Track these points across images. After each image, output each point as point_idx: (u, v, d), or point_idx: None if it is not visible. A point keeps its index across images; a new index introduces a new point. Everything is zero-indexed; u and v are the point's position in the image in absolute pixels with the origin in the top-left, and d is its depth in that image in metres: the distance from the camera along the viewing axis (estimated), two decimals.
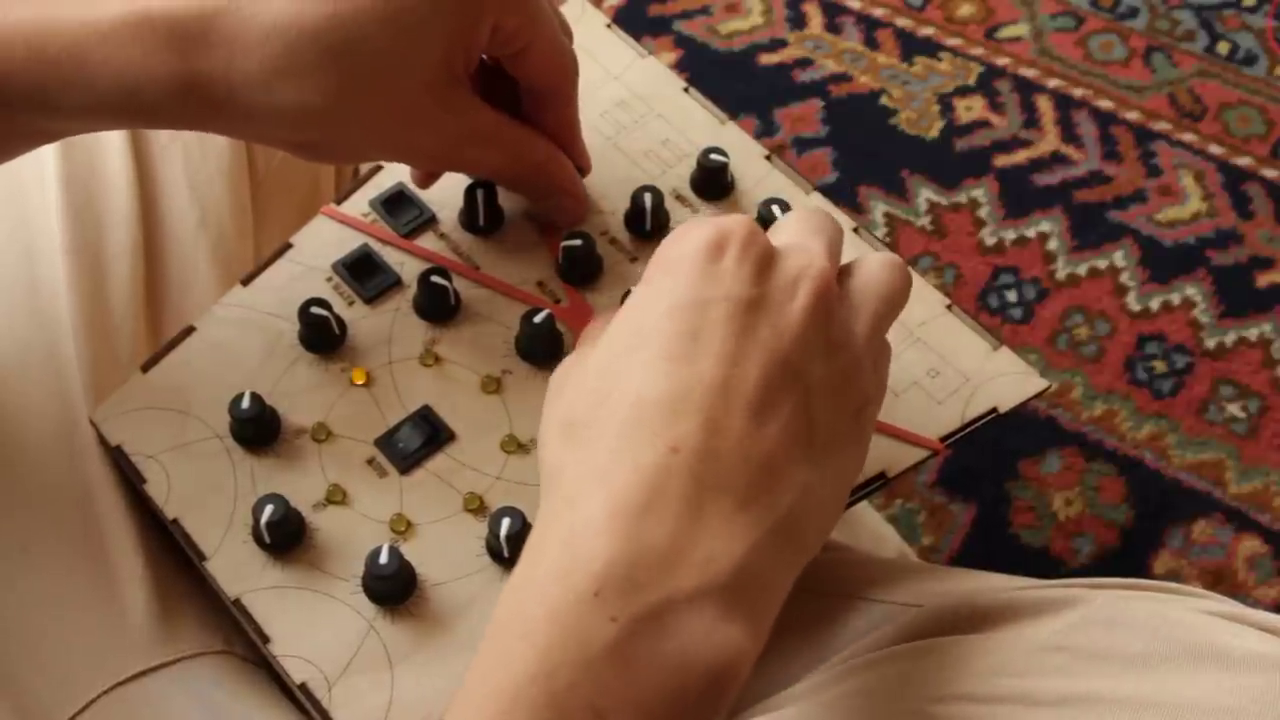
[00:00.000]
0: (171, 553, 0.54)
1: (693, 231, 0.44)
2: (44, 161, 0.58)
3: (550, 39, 0.51)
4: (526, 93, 0.53)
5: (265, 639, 0.50)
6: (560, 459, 0.42)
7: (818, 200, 0.59)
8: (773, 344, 0.42)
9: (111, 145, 0.59)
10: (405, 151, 0.52)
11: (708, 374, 0.41)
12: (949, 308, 0.56)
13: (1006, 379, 0.55)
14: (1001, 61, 1.11)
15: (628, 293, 0.54)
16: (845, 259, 0.47)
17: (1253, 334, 0.97)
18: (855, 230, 0.58)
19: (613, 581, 0.38)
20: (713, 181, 0.58)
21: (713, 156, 0.58)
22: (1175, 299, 0.99)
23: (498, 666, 0.38)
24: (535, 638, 0.38)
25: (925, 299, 0.56)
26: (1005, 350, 0.55)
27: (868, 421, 0.45)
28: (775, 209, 0.56)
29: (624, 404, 0.41)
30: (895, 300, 0.46)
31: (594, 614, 0.38)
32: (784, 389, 0.42)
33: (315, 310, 0.54)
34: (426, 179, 0.57)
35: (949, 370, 0.55)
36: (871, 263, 0.46)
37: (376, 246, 0.57)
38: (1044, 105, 1.08)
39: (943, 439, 0.53)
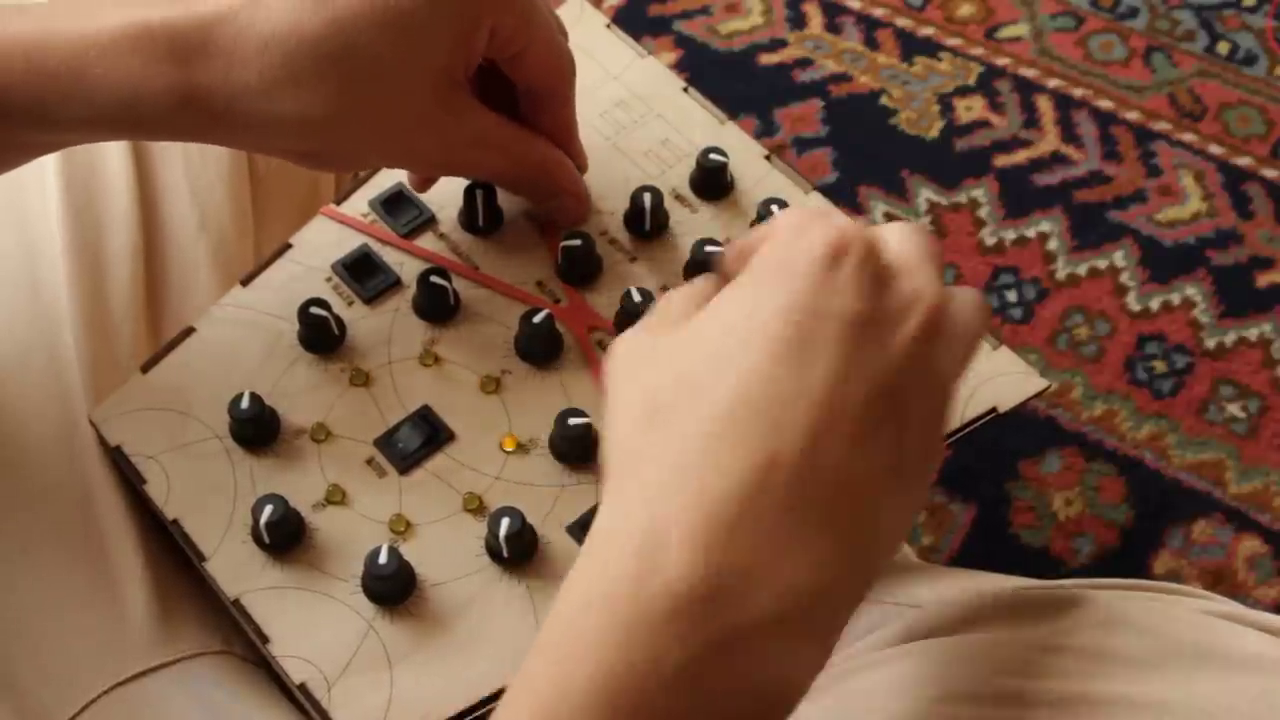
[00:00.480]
0: (171, 553, 0.54)
1: (811, 232, 0.41)
2: (44, 163, 0.58)
3: (547, 40, 0.51)
4: (524, 94, 0.53)
5: (265, 639, 0.50)
6: (639, 445, 0.40)
7: (817, 200, 0.59)
8: (881, 367, 0.39)
9: (112, 146, 0.59)
10: (407, 157, 0.52)
11: (816, 387, 0.38)
12: None
13: (1006, 378, 0.55)
14: (1001, 61, 1.11)
15: (627, 292, 0.54)
16: None
17: (1253, 334, 0.97)
18: None
19: (691, 602, 0.36)
20: (712, 181, 0.58)
21: (712, 156, 0.58)
22: (1175, 299, 0.99)
23: (558, 675, 0.37)
24: (601, 653, 0.36)
25: None
26: (1005, 350, 0.55)
27: (939, 458, 0.43)
28: (775, 209, 0.56)
29: (722, 400, 0.39)
30: (980, 340, 0.44)
31: (667, 633, 0.36)
32: (885, 417, 0.39)
33: (315, 310, 0.54)
34: (424, 183, 0.57)
35: None
36: (966, 302, 0.43)
37: (376, 247, 0.57)
38: (1044, 105, 1.08)
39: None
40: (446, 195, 0.58)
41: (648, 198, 0.56)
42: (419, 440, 0.53)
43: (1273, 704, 0.43)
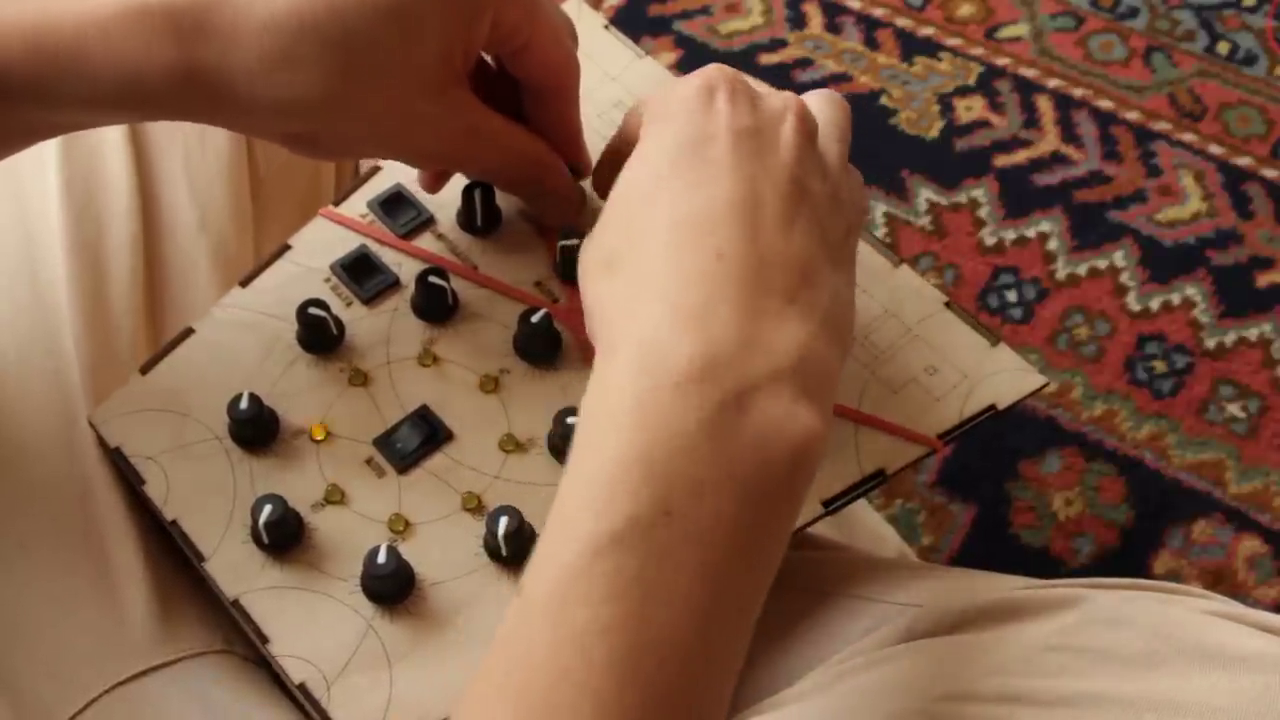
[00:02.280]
0: (171, 553, 0.54)
1: (679, 83, 0.47)
2: (45, 161, 0.58)
3: (550, 35, 0.51)
4: (527, 92, 0.53)
5: (264, 639, 0.50)
6: (606, 291, 0.45)
7: None
8: (779, 164, 0.45)
9: (111, 145, 0.59)
10: (401, 148, 0.52)
11: (731, 191, 0.44)
12: (947, 305, 0.56)
13: (1005, 375, 0.55)
14: (1001, 61, 1.11)
15: None
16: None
17: (1253, 334, 0.97)
18: None
19: (692, 372, 0.41)
20: None
21: None
22: (1175, 299, 0.99)
23: (592, 458, 0.41)
24: (625, 427, 0.40)
25: (923, 296, 0.56)
26: (1004, 347, 0.55)
27: (854, 245, 0.49)
28: None
29: (660, 227, 0.44)
30: (847, 128, 0.51)
31: (678, 401, 0.40)
32: (798, 202, 0.45)
33: (313, 311, 0.54)
34: (434, 182, 0.57)
35: (947, 367, 0.55)
36: (818, 97, 0.50)
37: (374, 247, 0.57)
38: (1044, 105, 1.08)
39: (941, 436, 0.53)
40: (445, 195, 0.58)
41: None
42: (418, 440, 0.53)
43: (1273, 703, 0.43)
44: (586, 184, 0.58)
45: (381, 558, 0.49)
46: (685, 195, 0.44)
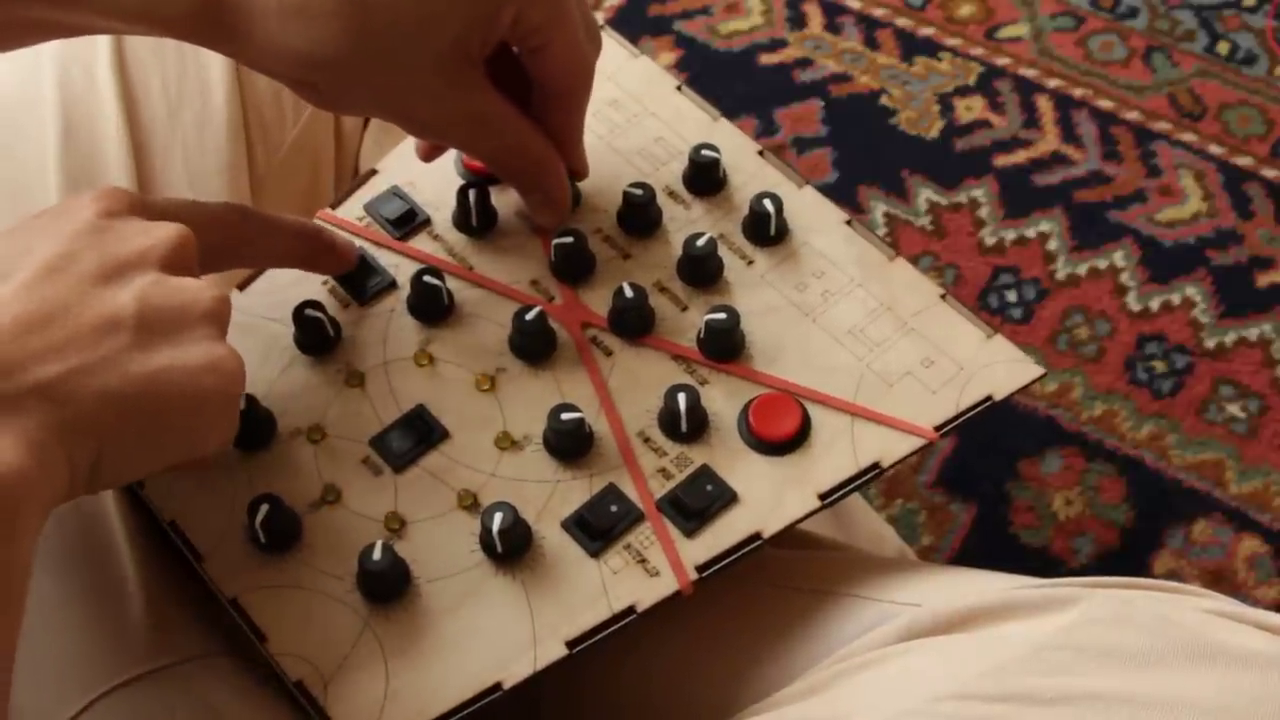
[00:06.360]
0: (169, 556, 0.54)
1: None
2: (44, 153, 0.58)
3: (570, 43, 0.51)
4: (539, 90, 0.53)
5: (261, 637, 0.50)
6: None
7: (811, 195, 0.59)
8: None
9: (111, 141, 0.60)
10: (403, 117, 0.52)
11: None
12: (943, 297, 0.56)
13: (1001, 366, 0.54)
14: (1001, 61, 1.11)
15: (620, 289, 0.54)
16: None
17: (1253, 334, 0.97)
18: (848, 223, 0.58)
19: None
20: (705, 177, 0.58)
21: (704, 152, 0.58)
22: (1175, 299, 0.99)
23: None
24: None
25: (919, 289, 0.56)
26: (999, 338, 0.55)
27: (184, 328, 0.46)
28: (767, 203, 0.56)
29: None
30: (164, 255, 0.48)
31: None
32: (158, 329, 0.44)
33: (309, 312, 0.54)
34: (430, 152, 0.57)
35: (943, 359, 0.55)
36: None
37: (371, 249, 0.57)
38: (1044, 105, 1.08)
39: (937, 428, 0.53)
40: (440, 197, 0.58)
41: (640, 195, 0.56)
42: (413, 439, 0.53)
43: (1273, 702, 0.43)
44: (583, 185, 0.58)
45: (376, 554, 0.49)
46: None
